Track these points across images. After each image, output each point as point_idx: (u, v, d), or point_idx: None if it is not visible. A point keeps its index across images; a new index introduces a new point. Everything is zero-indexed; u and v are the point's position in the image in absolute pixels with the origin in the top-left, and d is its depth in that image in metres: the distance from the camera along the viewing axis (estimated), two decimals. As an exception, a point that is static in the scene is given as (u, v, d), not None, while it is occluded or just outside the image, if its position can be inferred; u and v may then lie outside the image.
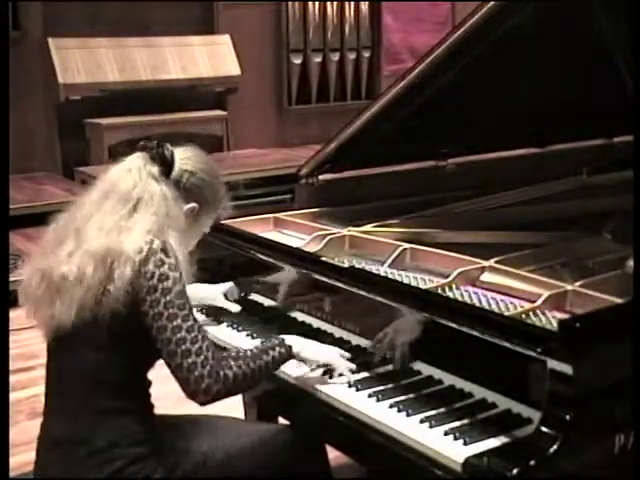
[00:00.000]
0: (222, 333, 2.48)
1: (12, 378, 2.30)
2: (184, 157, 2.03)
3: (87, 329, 1.86)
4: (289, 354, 2.06)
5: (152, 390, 2.02)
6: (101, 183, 2.00)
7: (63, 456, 1.90)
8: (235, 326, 2.51)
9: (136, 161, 1.99)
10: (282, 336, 2.10)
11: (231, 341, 2.43)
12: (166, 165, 1.98)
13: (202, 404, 1.89)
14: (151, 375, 2.01)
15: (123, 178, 1.96)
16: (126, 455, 1.87)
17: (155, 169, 1.97)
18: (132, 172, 1.96)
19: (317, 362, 2.12)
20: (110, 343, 1.87)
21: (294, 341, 2.09)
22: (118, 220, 1.90)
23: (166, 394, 2.09)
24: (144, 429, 1.92)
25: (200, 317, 2.51)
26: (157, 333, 1.84)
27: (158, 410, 2.04)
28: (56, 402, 1.96)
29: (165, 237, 1.89)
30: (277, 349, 2.03)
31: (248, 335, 2.45)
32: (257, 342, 2.35)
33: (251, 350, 2.00)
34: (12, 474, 2.27)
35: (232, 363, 1.91)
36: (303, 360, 2.11)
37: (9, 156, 2.89)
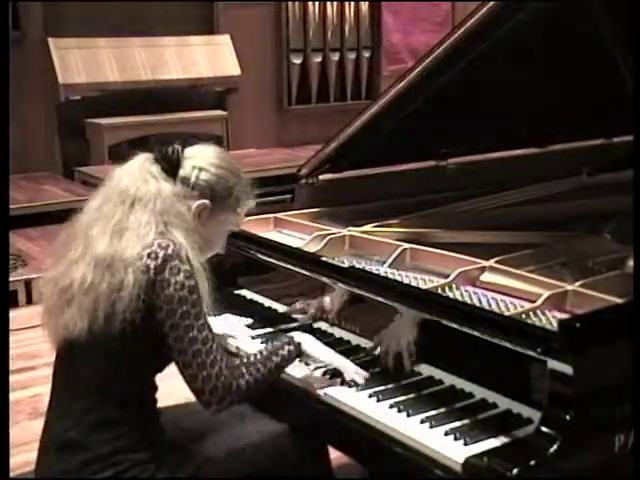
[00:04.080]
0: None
1: (12, 378, 2.30)
2: (195, 154, 2.02)
3: (98, 337, 1.84)
4: (298, 351, 2.04)
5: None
6: (104, 186, 2.00)
7: (64, 461, 1.89)
8: None
9: (137, 161, 1.99)
10: (291, 334, 2.08)
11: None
12: (169, 163, 1.97)
13: (215, 412, 1.89)
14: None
15: (122, 179, 1.96)
16: (127, 460, 1.87)
17: (155, 167, 1.96)
18: (131, 172, 1.96)
19: (328, 364, 2.10)
20: (120, 350, 1.85)
21: (302, 339, 2.06)
22: (118, 222, 1.89)
23: (169, 392, 2.09)
24: (147, 437, 1.92)
25: None
26: (173, 342, 1.84)
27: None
28: (60, 407, 1.95)
29: (170, 236, 1.87)
30: (286, 348, 2.02)
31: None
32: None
33: (261, 353, 1.99)
34: (12, 474, 2.27)
35: (244, 371, 1.91)
36: (310, 358, 2.09)
37: (9, 156, 2.89)
